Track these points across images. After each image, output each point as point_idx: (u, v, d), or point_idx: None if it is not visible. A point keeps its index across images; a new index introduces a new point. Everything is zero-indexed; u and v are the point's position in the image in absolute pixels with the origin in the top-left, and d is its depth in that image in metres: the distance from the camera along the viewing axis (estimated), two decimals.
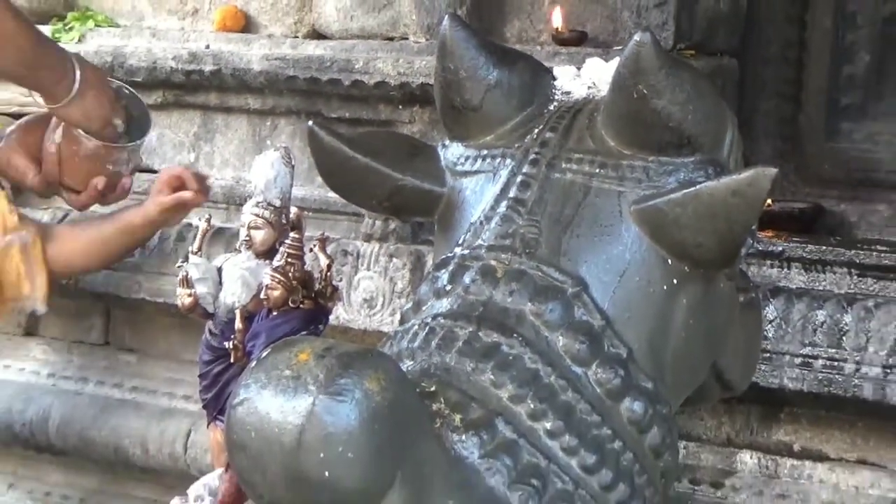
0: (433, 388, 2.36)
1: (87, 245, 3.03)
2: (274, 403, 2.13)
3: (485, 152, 2.59)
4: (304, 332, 3.21)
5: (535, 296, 2.43)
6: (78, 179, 2.83)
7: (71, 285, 4.31)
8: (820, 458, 3.44)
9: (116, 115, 2.81)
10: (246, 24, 4.40)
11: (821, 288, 3.33)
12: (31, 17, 4.59)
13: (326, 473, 2.11)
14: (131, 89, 2.97)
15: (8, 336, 4.45)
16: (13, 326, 4.47)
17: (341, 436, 2.10)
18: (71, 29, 4.57)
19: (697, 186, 2.41)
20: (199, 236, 3.44)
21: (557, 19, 3.81)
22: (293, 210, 3.37)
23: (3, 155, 2.90)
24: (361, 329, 3.77)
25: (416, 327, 2.49)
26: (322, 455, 2.10)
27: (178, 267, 3.46)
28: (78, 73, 2.71)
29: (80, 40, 4.51)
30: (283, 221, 3.34)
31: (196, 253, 3.42)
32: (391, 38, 4.12)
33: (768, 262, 3.35)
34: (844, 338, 3.28)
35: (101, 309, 4.47)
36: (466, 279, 2.48)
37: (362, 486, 2.12)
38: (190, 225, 3.81)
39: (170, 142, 4.43)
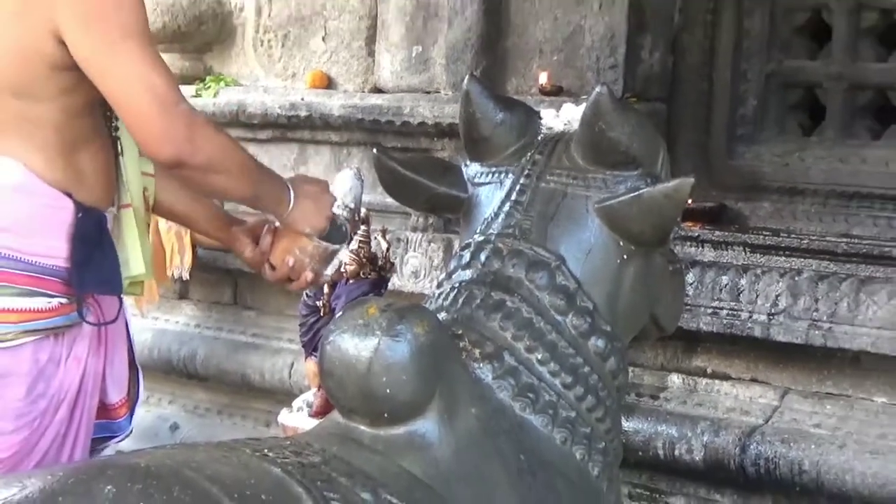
0: (460, 332, 2.38)
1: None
2: (351, 343, 2.15)
3: (494, 169, 2.59)
4: (371, 295, 3.21)
5: (529, 267, 2.44)
6: (279, 261, 2.69)
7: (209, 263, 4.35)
8: (725, 377, 3.44)
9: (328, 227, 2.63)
10: (328, 83, 4.39)
11: (724, 261, 3.33)
12: (181, 81, 4.66)
13: (388, 390, 2.13)
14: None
15: (167, 299, 4.47)
16: (171, 293, 4.50)
17: (398, 365, 2.12)
18: (209, 87, 4.56)
19: (640, 191, 2.42)
20: None
21: (543, 78, 3.81)
22: (363, 210, 3.37)
23: (235, 233, 2.82)
24: (410, 292, 3.77)
25: (448, 290, 2.51)
26: (384, 378, 2.12)
27: None
28: (291, 193, 2.56)
29: (215, 95, 4.51)
30: (357, 218, 3.33)
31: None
32: (428, 92, 4.11)
33: (688, 242, 3.36)
34: (741, 295, 3.28)
35: (231, 280, 4.48)
36: (482, 256, 2.48)
37: (412, 398, 2.14)
38: None
39: (277, 165, 4.41)
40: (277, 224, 2.71)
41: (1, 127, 2.41)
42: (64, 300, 2.48)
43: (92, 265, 2.52)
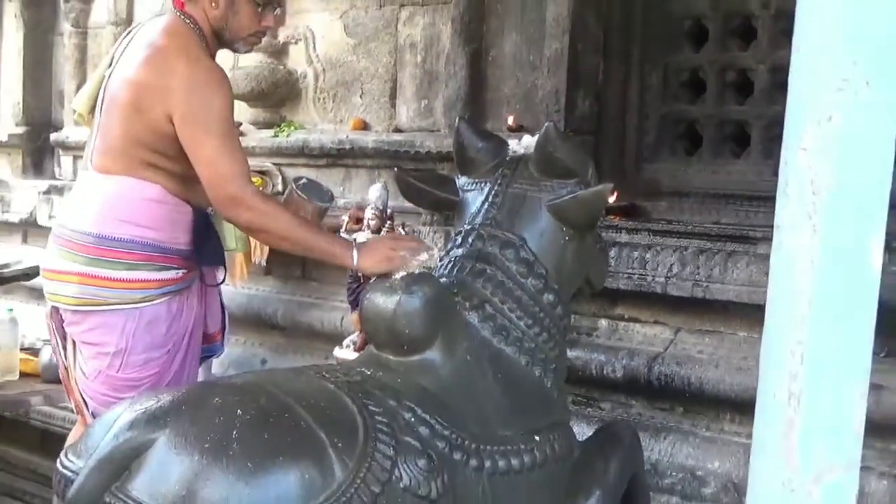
0: (455, 291, 2.35)
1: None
2: (381, 299, 2.14)
3: (477, 181, 2.56)
4: None
5: (502, 246, 2.41)
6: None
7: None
8: (637, 321, 3.41)
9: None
10: (365, 126, 4.37)
11: (635, 241, 3.30)
12: (264, 126, 4.66)
13: (407, 331, 2.13)
14: (315, 182, 2.83)
15: (257, 275, 4.41)
16: (260, 271, 4.43)
17: (413, 313, 2.12)
18: (283, 130, 4.54)
19: (576, 193, 2.39)
20: (345, 224, 3.42)
21: (510, 120, 3.78)
22: (389, 211, 3.35)
23: None
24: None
25: (447, 263, 2.48)
26: (404, 321, 2.11)
27: None
28: (356, 253, 2.53)
29: (288, 136, 4.49)
30: (384, 216, 3.32)
31: (343, 232, 3.40)
32: (432, 131, 4.10)
33: (611, 230, 3.33)
34: (647, 264, 3.26)
35: (301, 261, 4.42)
36: (470, 239, 2.45)
37: (423, 336, 2.14)
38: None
39: (332, 183, 4.39)
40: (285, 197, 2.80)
41: (142, 161, 2.55)
42: (184, 271, 2.62)
43: (205, 248, 2.66)
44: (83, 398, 2.66)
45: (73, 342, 2.65)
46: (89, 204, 2.58)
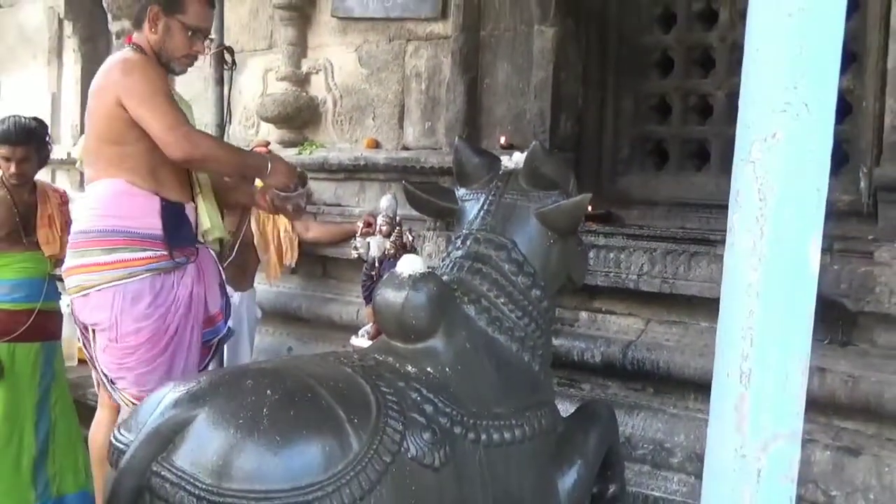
0: (455, 287, 2.37)
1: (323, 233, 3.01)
2: (391, 294, 2.15)
3: (473, 192, 2.57)
4: None
5: (496, 248, 2.42)
6: (283, 211, 2.98)
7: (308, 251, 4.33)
8: (612, 313, 3.42)
9: (293, 183, 2.82)
10: (377, 145, 4.38)
11: (611, 244, 3.31)
12: (290, 145, 4.67)
13: (413, 322, 2.13)
14: (302, 171, 2.96)
15: (285, 275, 4.41)
16: (287, 271, 4.43)
17: (419, 307, 2.13)
18: (307, 149, 4.54)
19: (560, 203, 2.41)
20: (360, 229, 3.44)
21: (502, 139, 3.79)
22: (398, 217, 3.36)
23: (259, 198, 3.02)
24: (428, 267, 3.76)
25: (448, 262, 2.49)
26: (411, 314, 2.12)
27: (351, 242, 3.46)
28: (269, 164, 2.78)
29: (310, 153, 4.49)
30: (394, 222, 3.33)
31: (359, 237, 3.41)
32: (435, 149, 4.10)
33: (590, 234, 3.33)
34: (622, 264, 3.26)
35: (322, 261, 4.41)
36: (468, 242, 2.47)
37: (427, 326, 2.15)
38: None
39: (349, 194, 4.42)
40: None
41: (110, 161, 2.71)
42: (163, 252, 2.71)
43: (175, 233, 2.74)
44: (104, 373, 2.76)
45: (91, 330, 2.75)
46: (82, 210, 2.79)
